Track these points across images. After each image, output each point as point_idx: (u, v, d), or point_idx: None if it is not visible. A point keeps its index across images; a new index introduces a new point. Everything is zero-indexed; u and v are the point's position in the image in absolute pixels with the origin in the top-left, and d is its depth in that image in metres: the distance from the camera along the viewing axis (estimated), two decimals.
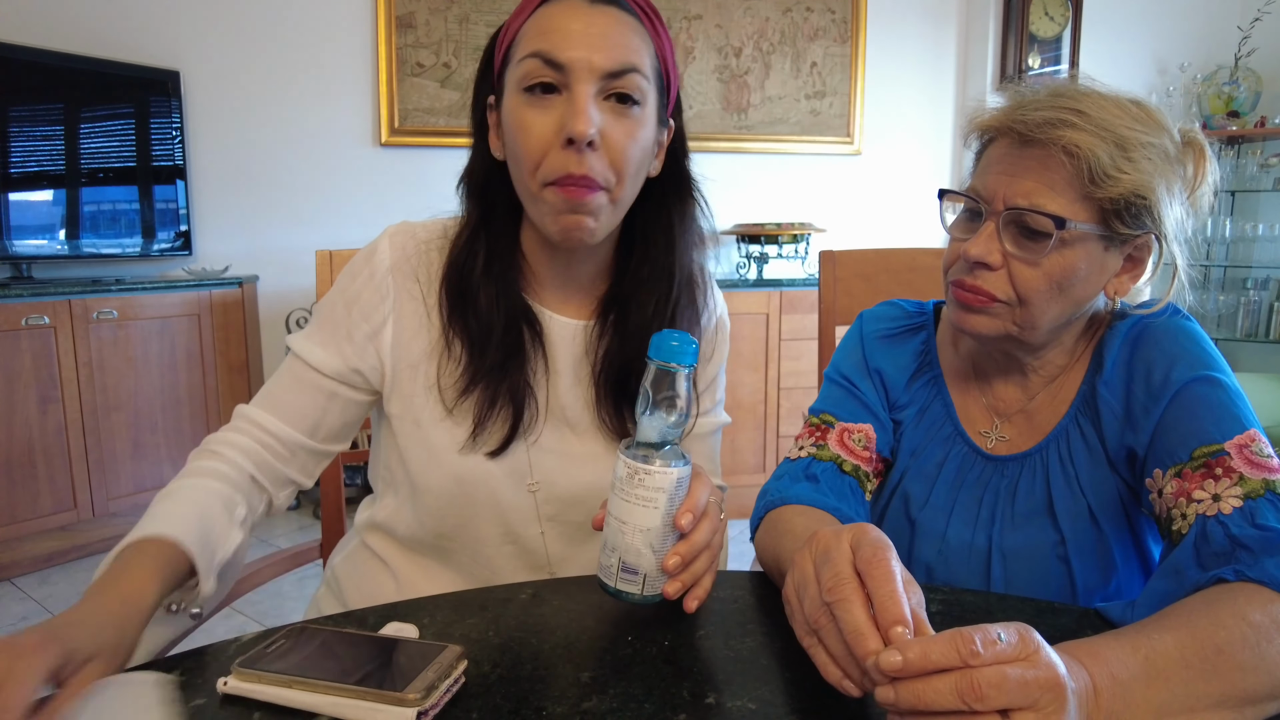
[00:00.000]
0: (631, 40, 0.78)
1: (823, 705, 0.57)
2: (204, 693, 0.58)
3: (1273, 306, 3.74)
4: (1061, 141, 0.73)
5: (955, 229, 0.83)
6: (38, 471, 2.58)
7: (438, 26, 3.28)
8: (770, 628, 0.69)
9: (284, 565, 1.15)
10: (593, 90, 0.75)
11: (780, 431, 3.24)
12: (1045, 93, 0.77)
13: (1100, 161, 0.72)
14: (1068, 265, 0.75)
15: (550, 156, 0.76)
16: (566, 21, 0.76)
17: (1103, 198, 0.73)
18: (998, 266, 0.77)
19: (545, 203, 0.78)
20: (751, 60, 3.64)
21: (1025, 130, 0.75)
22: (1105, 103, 0.75)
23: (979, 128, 0.83)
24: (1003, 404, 0.88)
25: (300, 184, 3.27)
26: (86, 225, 2.87)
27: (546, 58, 0.75)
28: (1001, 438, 0.88)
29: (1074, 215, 0.74)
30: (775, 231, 3.38)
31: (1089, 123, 0.73)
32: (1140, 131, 0.74)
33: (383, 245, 0.87)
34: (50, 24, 2.87)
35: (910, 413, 0.92)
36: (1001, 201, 0.76)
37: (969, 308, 0.80)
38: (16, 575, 2.61)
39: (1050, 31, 3.73)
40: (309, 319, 0.87)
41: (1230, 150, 3.84)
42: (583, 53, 0.75)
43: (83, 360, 2.65)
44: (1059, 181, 0.74)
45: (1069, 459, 0.83)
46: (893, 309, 0.98)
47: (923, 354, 0.94)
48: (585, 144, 0.74)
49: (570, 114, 0.75)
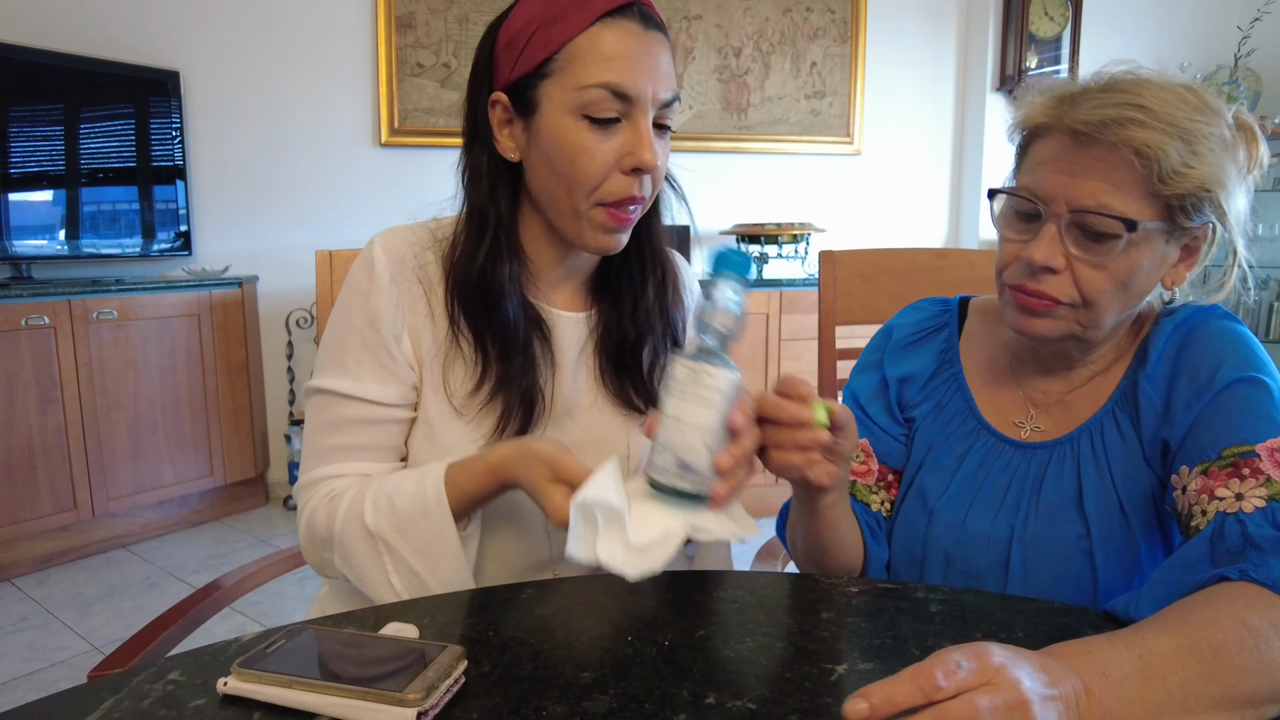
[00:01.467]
0: (671, 67, 0.82)
1: (823, 706, 0.57)
2: (204, 693, 0.58)
3: (1273, 306, 3.74)
4: (1131, 142, 0.70)
5: (1008, 229, 0.80)
6: (37, 472, 2.58)
7: (437, 26, 3.28)
8: (770, 628, 0.69)
9: (284, 565, 1.15)
10: (651, 120, 0.80)
11: None
12: (1098, 86, 0.74)
13: (1170, 160, 0.70)
14: (1133, 264, 0.74)
15: (611, 181, 0.80)
16: (629, 49, 0.78)
17: (1169, 194, 0.71)
18: (1062, 270, 0.75)
19: (593, 221, 0.82)
20: (751, 60, 3.64)
21: (1087, 129, 0.72)
22: (1166, 94, 0.72)
23: (1029, 125, 0.79)
24: (1041, 395, 0.87)
25: (300, 184, 3.27)
26: (86, 225, 2.87)
27: (618, 91, 0.77)
28: (1037, 428, 0.86)
29: (1141, 215, 0.72)
30: (775, 231, 3.37)
31: (1155, 119, 0.70)
32: (1202, 122, 0.71)
33: (377, 254, 0.86)
34: (50, 24, 2.87)
35: (925, 409, 0.91)
36: (1064, 204, 0.73)
37: (1032, 312, 0.78)
38: (16, 575, 2.61)
39: (1050, 31, 3.73)
40: (326, 353, 0.87)
41: None
42: (648, 83, 0.78)
43: (82, 360, 2.65)
44: (1125, 181, 0.71)
45: (1102, 450, 0.81)
46: (919, 311, 0.98)
47: (943, 353, 0.93)
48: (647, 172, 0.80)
49: (636, 144, 0.79)
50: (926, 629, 0.68)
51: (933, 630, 0.68)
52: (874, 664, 0.63)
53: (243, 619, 2.32)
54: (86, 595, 2.49)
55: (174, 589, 2.53)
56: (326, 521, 0.82)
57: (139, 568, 2.70)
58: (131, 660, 0.84)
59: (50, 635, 2.25)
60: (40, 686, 1.99)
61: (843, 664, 0.63)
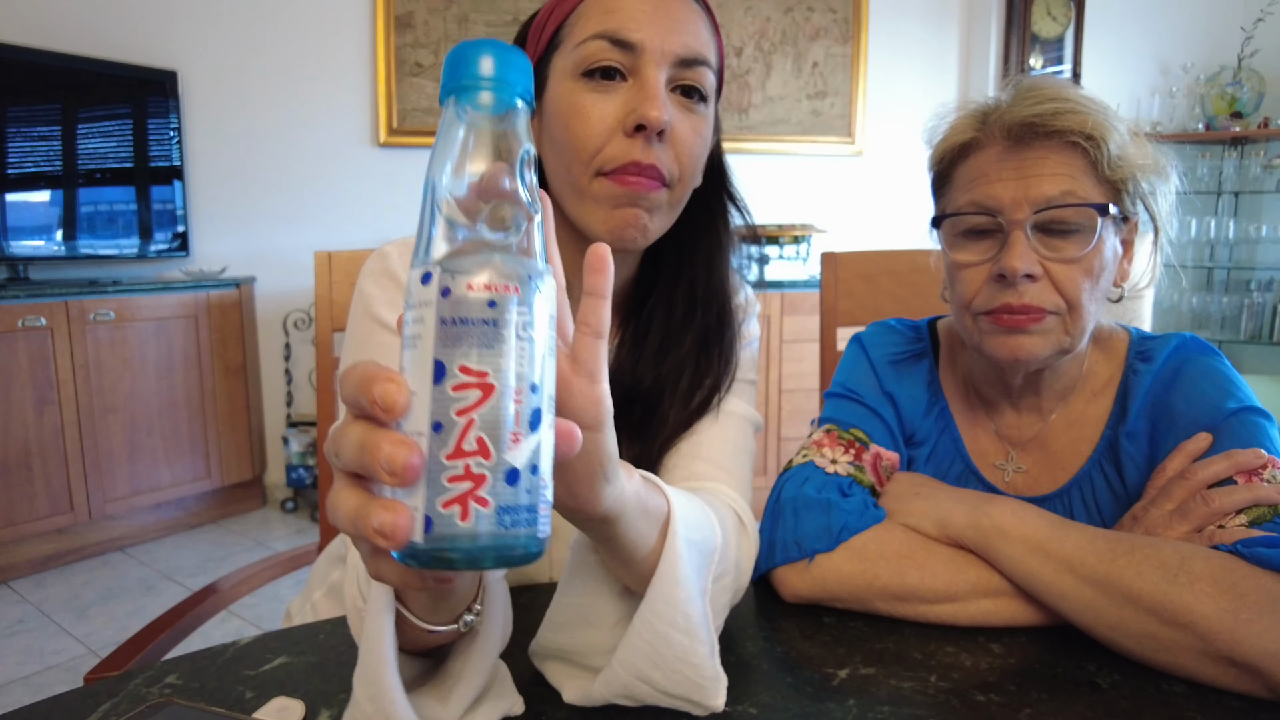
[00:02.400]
0: (702, 31, 0.71)
1: (824, 710, 0.56)
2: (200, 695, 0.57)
3: (1276, 308, 3.73)
4: (1080, 127, 0.70)
5: (963, 253, 0.76)
6: (34, 474, 2.57)
7: (437, 26, 3.27)
8: (771, 633, 0.69)
9: (281, 568, 1.14)
10: (663, 76, 0.68)
11: (782, 434, 3.23)
12: (1015, 95, 0.74)
13: (1113, 142, 0.70)
14: (1100, 257, 0.72)
15: (612, 143, 0.68)
16: (635, 2, 0.68)
17: (1117, 179, 0.72)
18: (1040, 276, 0.72)
19: (597, 196, 0.69)
20: (753, 60, 3.63)
21: (1023, 129, 0.71)
22: (1076, 90, 0.73)
23: (954, 146, 0.77)
24: (1015, 432, 0.84)
25: (298, 184, 3.27)
26: (83, 226, 2.86)
27: (614, 37, 0.67)
28: (1019, 469, 0.84)
29: (1104, 200, 0.72)
30: (776, 233, 3.37)
31: (1087, 108, 0.71)
32: (1114, 115, 0.72)
33: (394, 265, 0.77)
34: (48, 24, 2.87)
35: (923, 450, 0.86)
36: (1024, 206, 0.71)
37: (1020, 331, 0.73)
38: (13, 578, 2.60)
39: (1052, 32, 3.73)
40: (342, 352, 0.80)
41: (1233, 151, 3.83)
42: (656, 33, 0.67)
43: (79, 362, 2.64)
44: (1077, 169, 0.71)
45: (1094, 503, 0.80)
46: (891, 332, 0.91)
47: (930, 383, 0.88)
48: (656, 133, 0.67)
49: (641, 98, 0.67)
50: (929, 633, 0.68)
51: (935, 634, 0.67)
52: (876, 668, 0.62)
53: (240, 622, 2.32)
54: (83, 598, 2.48)
55: (171, 592, 2.52)
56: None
57: (136, 570, 2.69)
58: (128, 663, 0.83)
59: (47, 638, 2.24)
60: (37, 689, 1.98)
61: (844, 669, 0.62)
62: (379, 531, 0.32)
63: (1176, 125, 3.90)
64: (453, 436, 0.32)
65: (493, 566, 0.33)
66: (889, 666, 0.62)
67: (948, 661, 0.63)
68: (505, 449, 0.32)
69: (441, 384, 0.32)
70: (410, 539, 0.32)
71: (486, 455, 0.32)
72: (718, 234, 0.80)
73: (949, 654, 0.64)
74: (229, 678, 0.61)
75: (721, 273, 0.80)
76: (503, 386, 0.32)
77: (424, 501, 0.32)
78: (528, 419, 0.33)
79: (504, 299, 0.32)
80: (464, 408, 0.32)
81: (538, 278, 0.34)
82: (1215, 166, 3.84)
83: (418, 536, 0.32)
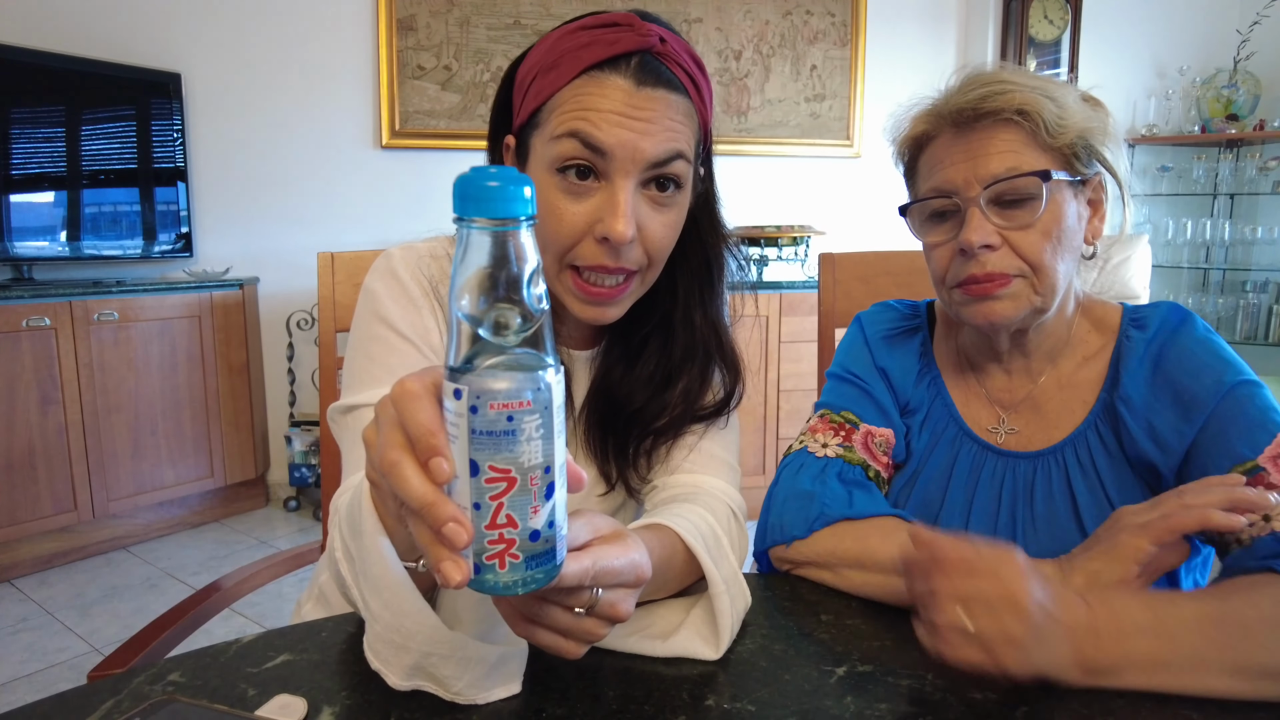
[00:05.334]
0: (678, 123, 0.71)
1: (821, 708, 0.57)
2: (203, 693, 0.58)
3: (1272, 309, 3.74)
4: (1011, 104, 0.75)
5: (930, 235, 0.83)
6: (38, 473, 2.58)
7: (438, 29, 3.28)
8: (769, 629, 0.69)
9: (285, 566, 1.15)
10: (633, 184, 0.70)
11: (780, 434, 3.23)
12: (957, 83, 0.80)
13: (1048, 113, 0.75)
14: (1058, 217, 0.77)
15: (582, 245, 0.71)
16: (609, 102, 0.69)
17: (1060, 145, 0.76)
18: (999, 245, 0.77)
19: (564, 286, 0.74)
20: (751, 63, 3.64)
21: (965, 114, 0.77)
22: (1020, 71, 0.79)
23: (912, 139, 0.84)
24: (1006, 395, 0.88)
25: (301, 186, 3.27)
26: (87, 227, 2.87)
27: (586, 139, 0.68)
28: (1011, 430, 0.87)
29: (1048, 166, 0.76)
30: (775, 234, 3.37)
31: (1021, 86, 0.76)
32: (1056, 86, 0.78)
33: (399, 267, 0.79)
34: (52, 26, 2.87)
35: (918, 417, 0.91)
36: (975, 184, 0.77)
37: (989, 297, 0.78)
38: (16, 576, 2.61)
39: (1049, 35, 3.73)
40: (352, 372, 0.79)
41: (1229, 153, 3.84)
42: (628, 138, 0.68)
43: (83, 362, 2.65)
44: (1018, 142, 0.76)
45: (1090, 464, 0.82)
46: (889, 310, 0.98)
47: (922, 354, 0.93)
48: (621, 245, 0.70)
49: (609, 212, 0.69)
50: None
51: None
52: (873, 666, 0.63)
53: (243, 620, 2.32)
54: (87, 596, 2.49)
55: (174, 590, 2.53)
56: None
57: (139, 569, 2.70)
58: (131, 661, 0.83)
59: (50, 636, 2.25)
60: (40, 687, 1.98)
61: (842, 666, 0.63)
62: (443, 576, 0.42)
63: (1172, 128, 3.91)
64: (488, 514, 0.42)
65: (523, 593, 0.44)
66: (886, 664, 0.63)
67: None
68: (528, 518, 0.42)
69: (477, 477, 0.42)
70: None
71: (514, 525, 0.42)
72: (710, 272, 0.84)
73: None
74: (232, 675, 0.61)
75: (717, 310, 0.85)
76: (523, 477, 0.42)
77: (471, 553, 0.43)
78: (543, 493, 0.43)
79: (519, 414, 0.41)
80: (495, 495, 0.42)
81: (545, 374, 0.42)
82: (1211, 168, 3.85)
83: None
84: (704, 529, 0.70)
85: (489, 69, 3.33)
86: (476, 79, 3.33)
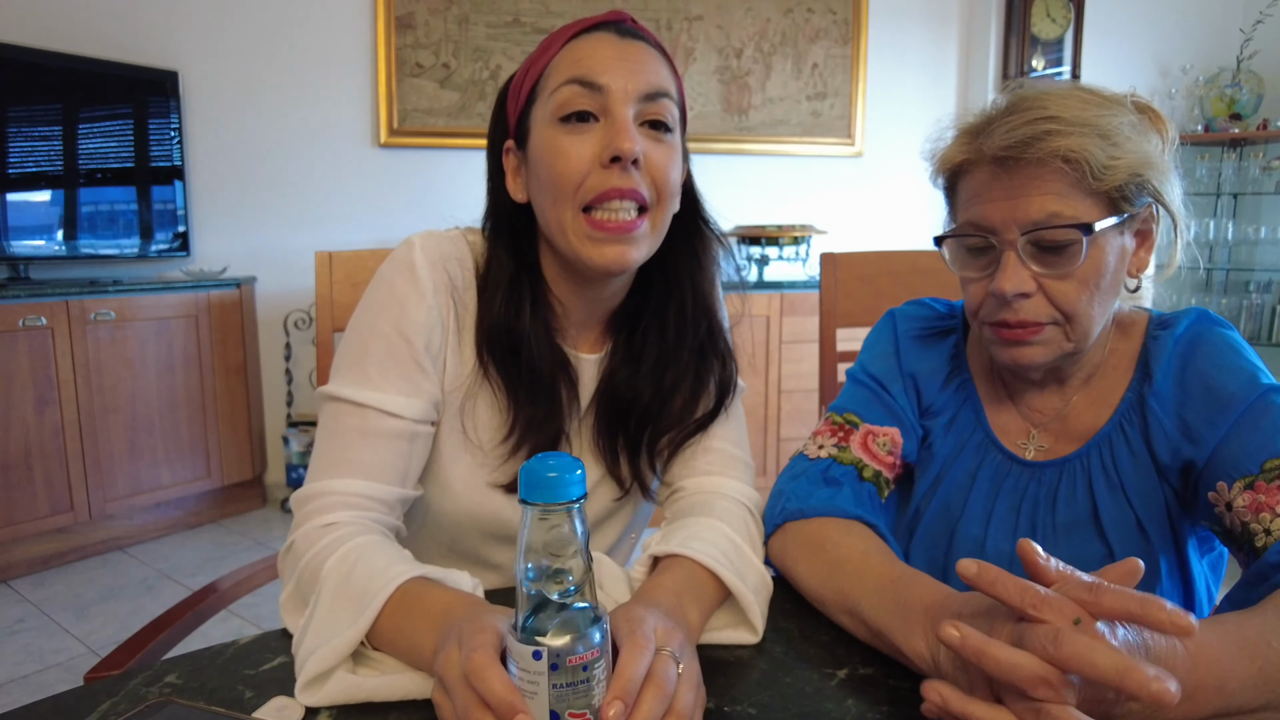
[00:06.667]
0: (662, 70, 0.79)
1: (822, 710, 0.56)
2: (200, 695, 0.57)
3: (1275, 309, 3.73)
4: (1056, 152, 0.71)
5: (966, 269, 0.80)
6: (34, 473, 2.57)
7: (437, 27, 3.27)
8: (769, 633, 0.69)
9: None
10: (631, 113, 0.76)
11: (781, 434, 3.23)
12: (1002, 111, 0.75)
13: (1096, 157, 0.71)
14: (1099, 265, 0.74)
15: (592, 176, 0.76)
16: (600, 50, 0.77)
17: (1107, 189, 0.73)
18: (1034, 293, 0.74)
19: (582, 235, 0.77)
20: (753, 61, 3.63)
21: (1008, 154, 0.73)
22: (1068, 100, 0.74)
23: (950, 165, 0.80)
24: (1039, 415, 0.86)
25: (299, 185, 3.27)
26: (84, 226, 2.86)
27: (584, 81, 0.75)
28: (1040, 447, 0.85)
29: (1090, 215, 0.73)
30: (776, 233, 3.37)
31: (1068, 125, 0.71)
32: (1110, 115, 0.73)
33: (418, 259, 0.81)
34: (49, 24, 2.87)
35: (942, 420, 0.89)
36: (1014, 228, 0.73)
37: (1020, 342, 0.77)
38: (13, 577, 2.60)
39: (1052, 33, 3.73)
40: (346, 358, 0.80)
41: (1232, 153, 3.84)
42: (620, 76, 0.76)
43: (80, 361, 2.64)
44: (1063, 188, 0.72)
45: (1113, 467, 0.80)
46: (924, 309, 0.96)
47: (953, 357, 0.91)
48: (630, 161, 0.75)
49: (613, 133, 0.75)
50: None
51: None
52: (874, 669, 0.62)
53: (240, 621, 2.32)
54: (83, 597, 2.48)
55: (171, 591, 2.52)
56: (306, 546, 0.71)
57: (136, 570, 2.69)
58: (128, 662, 0.83)
59: (47, 637, 2.24)
60: (37, 689, 1.98)
61: (843, 669, 0.62)
62: None
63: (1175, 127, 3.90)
64: None
65: None
66: (887, 667, 0.63)
67: None
68: None
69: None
70: None
71: None
72: (698, 257, 0.88)
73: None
74: (228, 677, 0.61)
75: (705, 291, 0.88)
76: (594, 714, 0.48)
77: None
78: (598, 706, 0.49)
79: (593, 662, 0.48)
80: None
81: (604, 623, 0.49)
82: (1214, 168, 3.84)
83: None
84: (723, 546, 0.74)
85: (488, 67, 3.32)
86: (475, 77, 3.32)
